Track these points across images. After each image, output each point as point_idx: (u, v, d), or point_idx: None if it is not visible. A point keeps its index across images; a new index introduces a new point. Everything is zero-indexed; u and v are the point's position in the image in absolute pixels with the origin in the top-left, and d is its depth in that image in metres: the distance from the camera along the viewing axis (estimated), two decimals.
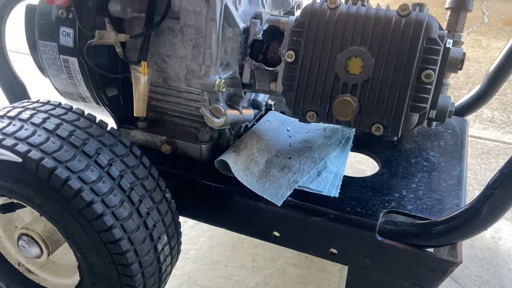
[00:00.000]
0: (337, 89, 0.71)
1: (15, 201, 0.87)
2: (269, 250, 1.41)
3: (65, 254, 0.98)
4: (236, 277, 1.32)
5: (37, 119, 0.79)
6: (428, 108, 0.71)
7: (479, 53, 2.99)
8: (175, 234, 0.87)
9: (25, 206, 0.89)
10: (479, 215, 0.68)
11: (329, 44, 0.70)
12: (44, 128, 0.77)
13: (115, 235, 0.73)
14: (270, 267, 1.35)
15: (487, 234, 1.53)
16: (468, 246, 1.47)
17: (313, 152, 0.90)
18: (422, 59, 0.66)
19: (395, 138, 0.74)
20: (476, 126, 2.13)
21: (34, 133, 0.75)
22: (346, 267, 0.86)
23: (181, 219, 0.92)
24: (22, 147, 0.73)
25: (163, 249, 0.83)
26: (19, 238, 0.86)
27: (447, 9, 0.93)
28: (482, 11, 3.88)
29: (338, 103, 0.70)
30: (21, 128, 0.77)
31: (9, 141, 0.74)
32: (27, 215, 0.96)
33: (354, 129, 0.98)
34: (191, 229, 1.50)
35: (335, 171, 0.87)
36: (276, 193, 0.79)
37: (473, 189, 1.67)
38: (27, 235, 0.85)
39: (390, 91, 0.68)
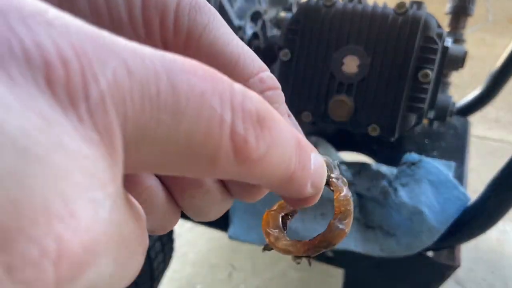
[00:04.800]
0: (333, 88, 0.69)
1: None
2: (269, 253, 1.39)
3: None
4: (236, 281, 1.30)
5: None
6: (426, 108, 0.69)
7: (484, 52, 2.95)
8: None
9: None
10: (479, 217, 0.66)
11: (324, 43, 0.69)
12: None
13: None
14: (270, 270, 1.34)
15: (493, 236, 1.50)
16: (473, 249, 1.44)
17: None
18: (419, 58, 0.64)
19: (392, 139, 0.73)
20: (481, 126, 2.09)
21: None
22: None
23: (180, 221, 0.90)
24: None
25: (154, 245, 0.82)
26: None
27: (447, 14, 0.91)
28: (487, 9, 3.83)
29: (333, 103, 0.69)
30: None
31: None
32: None
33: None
34: (190, 231, 1.49)
35: None
36: None
37: (478, 190, 1.64)
38: None
39: (386, 90, 0.66)
